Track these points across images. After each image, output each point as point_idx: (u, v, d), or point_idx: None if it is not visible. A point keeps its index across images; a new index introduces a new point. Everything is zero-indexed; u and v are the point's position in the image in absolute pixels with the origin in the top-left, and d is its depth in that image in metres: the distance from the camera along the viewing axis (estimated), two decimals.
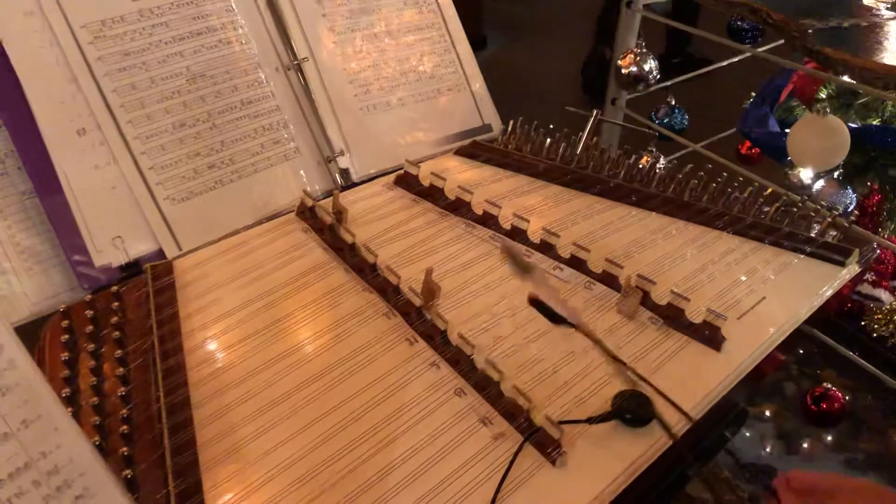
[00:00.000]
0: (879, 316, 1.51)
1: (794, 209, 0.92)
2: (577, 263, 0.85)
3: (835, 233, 0.89)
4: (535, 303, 0.68)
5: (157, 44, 0.92)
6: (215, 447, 0.66)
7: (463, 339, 0.72)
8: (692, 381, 0.70)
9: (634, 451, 0.64)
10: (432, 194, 0.99)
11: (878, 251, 1.10)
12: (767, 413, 1.59)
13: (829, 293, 0.82)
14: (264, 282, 0.85)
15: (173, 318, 0.79)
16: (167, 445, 0.64)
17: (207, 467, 0.64)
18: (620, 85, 1.62)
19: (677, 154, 1.75)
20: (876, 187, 1.46)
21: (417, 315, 0.78)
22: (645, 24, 1.62)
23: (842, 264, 0.84)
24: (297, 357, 0.75)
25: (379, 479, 0.62)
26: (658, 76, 1.59)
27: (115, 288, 0.83)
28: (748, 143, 1.82)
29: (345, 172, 1.04)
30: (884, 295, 1.45)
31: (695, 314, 0.76)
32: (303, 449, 0.65)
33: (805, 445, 1.54)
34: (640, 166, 1.03)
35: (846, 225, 0.89)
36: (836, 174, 1.32)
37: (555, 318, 0.67)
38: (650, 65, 1.57)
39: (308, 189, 0.99)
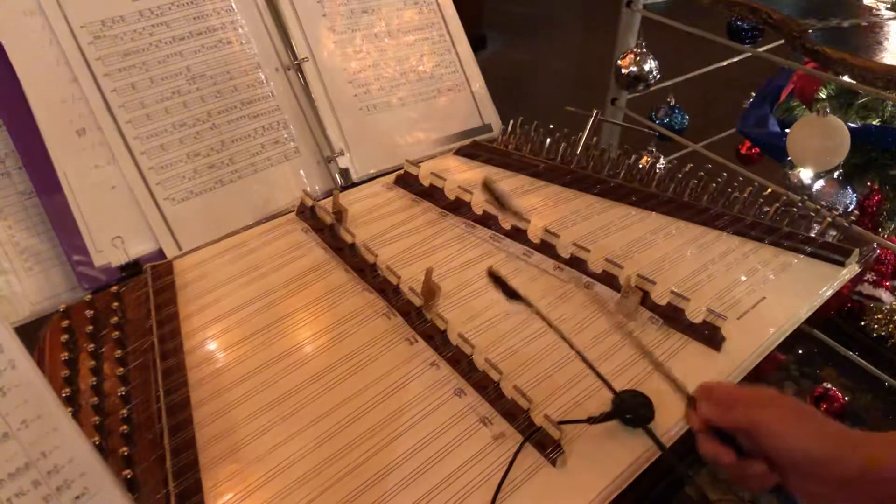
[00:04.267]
0: (879, 316, 1.51)
1: (794, 209, 0.92)
2: (577, 263, 0.85)
3: (835, 233, 0.89)
4: (493, 276, 0.66)
5: (157, 44, 0.92)
6: (215, 447, 0.66)
7: (463, 339, 0.72)
8: (693, 382, 0.70)
9: (635, 451, 0.64)
10: (432, 194, 0.98)
11: (878, 251, 1.10)
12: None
13: (829, 293, 0.82)
14: (264, 282, 0.85)
15: (173, 318, 0.79)
16: (167, 445, 0.64)
17: (207, 467, 0.64)
18: (620, 85, 1.62)
19: (677, 154, 1.75)
20: (876, 187, 1.46)
21: (417, 315, 0.78)
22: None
23: (842, 264, 0.84)
24: (297, 357, 0.75)
25: (379, 479, 0.62)
26: (658, 76, 1.59)
27: (115, 288, 0.83)
28: (748, 143, 1.82)
29: (345, 172, 1.04)
30: (884, 295, 1.45)
31: (695, 314, 0.76)
32: (303, 449, 0.65)
33: None
34: (640, 166, 1.03)
35: (846, 225, 0.89)
36: (836, 174, 1.32)
37: (511, 294, 0.66)
38: (650, 65, 1.57)
39: (308, 189, 0.99)
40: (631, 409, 0.66)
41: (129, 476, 0.62)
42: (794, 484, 0.58)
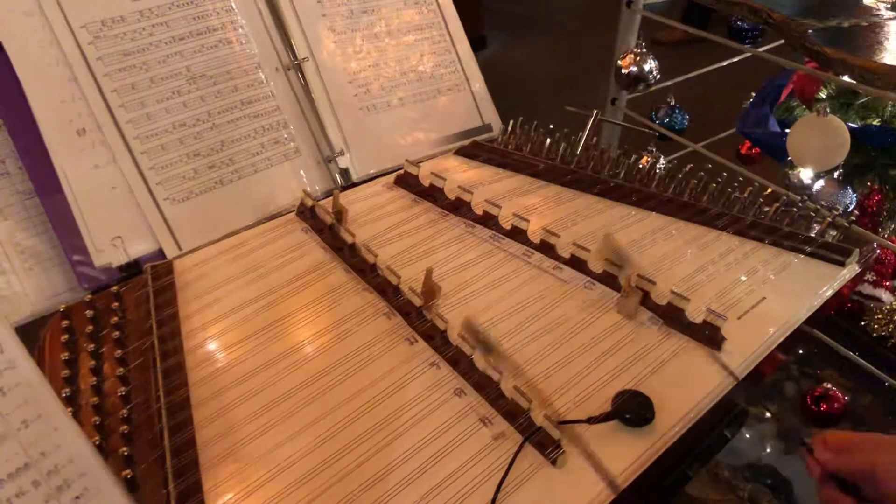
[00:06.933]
0: (879, 316, 1.51)
1: (794, 209, 0.92)
2: (577, 263, 0.85)
3: (835, 233, 0.89)
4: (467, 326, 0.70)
5: (157, 44, 0.92)
6: (215, 447, 0.66)
7: (463, 339, 0.72)
8: (692, 382, 0.70)
9: (634, 451, 0.64)
10: (432, 194, 0.99)
11: (878, 251, 1.10)
12: (767, 413, 1.59)
13: (829, 293, 0.82)
14: (264, 282, 0.85)
15: (173, 318, 0.79)
16: (167, 445, 0.64)
17: (207, 467, 0.64)
18: (620, 85, 1.62)
19: (677, 154, 1.75)
20: (876, 187, 1.46)
21: (417, 315, 0.78)
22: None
23: (842, 264, 0.84)
24: (297, 357, 0.75)
25: (379, 479, 0.62)
26: (658, 76, 1.59)
27: (115, 288, 0.83)
28: (748, 143, 1.82)
29: (345, 172, 1.04)
30: (884, 295, 1.45)
31: (695, 314, 0.76)
32: (303, 449, 0.65)
33: None
34: (640, 166, 1.03)
35: (846, 225, 0.89)
36: (836, 174, 1.32)
37: (487, 348, 0.69)
38: (650, 65, 1.57)
39: (308, 189, 0.99)
40: (631, 409, 0.66)
41: (129, 476, 0.62)
42: None
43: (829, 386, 1.39)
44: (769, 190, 0.95)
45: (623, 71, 1.57)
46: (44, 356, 0.75)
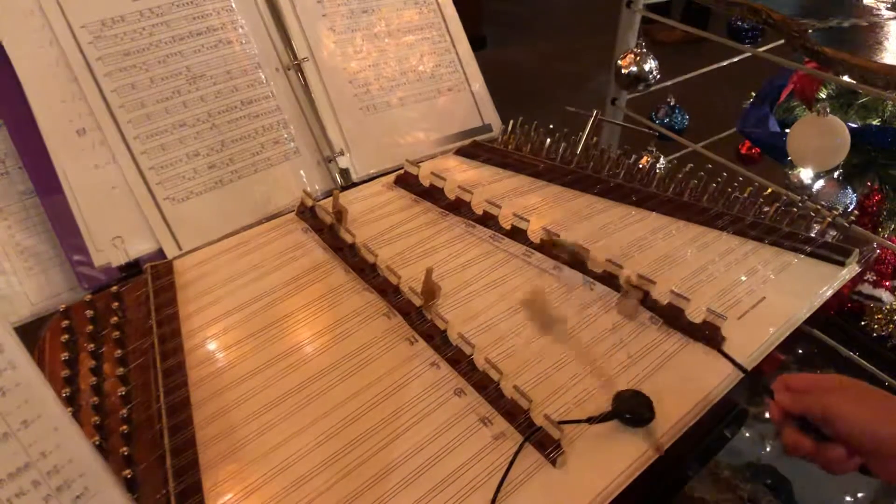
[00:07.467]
0: (879, 316, 1.51)
1: (794, 209, 0.92)
2: (577, 263, 0.85)
3: (835, 233, 0.89)
4: None
5: (157, 44, 0.92)
6: (215, 447, 0.66)
7: (463, 339, 0.72)
8: (692, 381, 0.70)
9: (634, 451, 0.64)
10: (432, 194, 0.98)
11: (878, 251, 1.10)
12: (767, 413, 1.59)
13: (829, 293, 0.82)
14: (264, 282, 0.85)
15: (173, 318, 0.79)
16: (167, 445, 0.64)
17: (207, 467, 0.64)
18: (620, 85, 1.62)
19: (677, 154, 1.75)
20: (876, 187, 1.46)
21: (417, 315, 0.78)
22: None
23: (842, 264, 0.84)
24: (297, 357, 0.75)
25: (379, 479, 0.62)
26: (658, 76, 1.59)
27: (115, 288, 0.83)
28: (748, 143, 1.82)
29: (345, 172, 1.04)
30: (884, 295, 1.45)
31: (695, 314, 0.76)
32: (303, 449, 0.65)
33: None
34: (640, 166, 1.03)
35: (846, 225, 0.89)
36: (836, 174, 1.32)
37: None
38: (650, 65, 1.57)
39: (308, 189, 0.99)
40: (631, 409, 0.66)
41: (129, 476, 0.62)
42: (874, 464, 0.59)
43: None
44: (769, 190, 0.95)
45: (623, 71, 1.57)
46: (44, 356, 0.75)
